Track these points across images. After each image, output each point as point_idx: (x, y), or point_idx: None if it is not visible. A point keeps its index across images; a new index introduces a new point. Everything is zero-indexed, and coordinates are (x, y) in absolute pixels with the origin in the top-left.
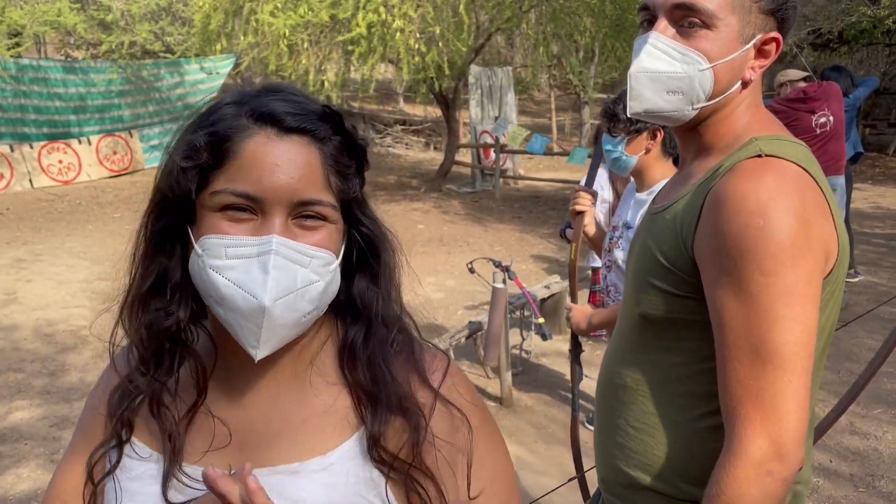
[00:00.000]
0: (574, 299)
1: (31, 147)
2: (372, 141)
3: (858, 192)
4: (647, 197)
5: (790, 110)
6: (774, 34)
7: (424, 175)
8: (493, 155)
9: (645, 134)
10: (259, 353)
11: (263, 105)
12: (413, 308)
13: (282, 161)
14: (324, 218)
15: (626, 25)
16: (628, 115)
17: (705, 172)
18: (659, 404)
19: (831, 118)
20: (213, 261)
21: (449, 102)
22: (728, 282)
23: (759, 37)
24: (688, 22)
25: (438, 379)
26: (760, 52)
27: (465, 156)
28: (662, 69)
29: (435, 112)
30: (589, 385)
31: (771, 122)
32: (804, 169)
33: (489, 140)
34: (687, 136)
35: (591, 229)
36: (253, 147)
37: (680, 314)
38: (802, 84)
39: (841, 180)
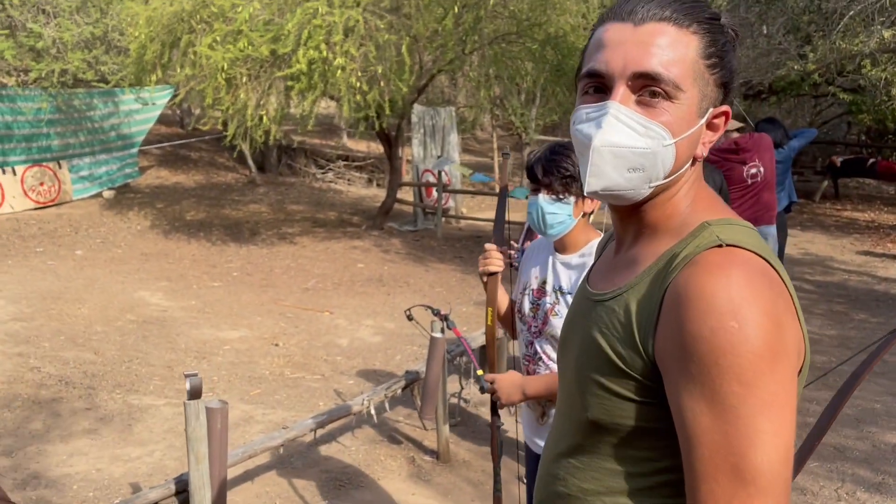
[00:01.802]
0: (494, 368)
1: None
2: (313, 176)
3: (788, 239)
4: (579, 259)
5: (722, 161)
6: (725, 108)
7: (366, 212)
8: (435, 193)
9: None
10: None
11: None
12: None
13: None
14: None
15: (566, 71)
16: (585, 193)
17: (656, 259)
18: None
19: (762, 169)
20: None
21: (392, 140)
22: (700, 392)
23: (711, 110)
24: (649, 92)
25: None
26: (710, 125)
27: (406, 194)
28: (627, 143)
29: (378, 148)
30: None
31: (715, 201)
32: (766, 260)
33: (431, 179)
34: (627, 215)
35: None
36: None
37: (637, 421)
38: (735, 135)
39: (772, 230)
